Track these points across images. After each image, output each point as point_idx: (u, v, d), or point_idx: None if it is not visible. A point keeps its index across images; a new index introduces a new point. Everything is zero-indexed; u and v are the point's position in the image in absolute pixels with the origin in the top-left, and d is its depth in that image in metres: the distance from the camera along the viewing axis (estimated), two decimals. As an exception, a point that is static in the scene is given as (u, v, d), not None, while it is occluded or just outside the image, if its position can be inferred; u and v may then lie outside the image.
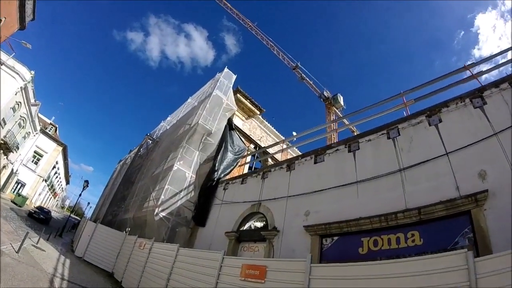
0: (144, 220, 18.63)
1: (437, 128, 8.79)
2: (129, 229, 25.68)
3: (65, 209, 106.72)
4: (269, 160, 23.57)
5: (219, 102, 21.03)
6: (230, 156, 19.30)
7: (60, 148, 54.98)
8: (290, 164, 13.58)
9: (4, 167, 39.35)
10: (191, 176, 18.37)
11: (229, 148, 19.62)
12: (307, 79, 62.67)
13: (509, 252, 4.07)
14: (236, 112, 22.83)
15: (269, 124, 26.74)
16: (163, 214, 16.39)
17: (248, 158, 22.54)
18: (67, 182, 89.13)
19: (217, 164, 18.28)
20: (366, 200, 9.29)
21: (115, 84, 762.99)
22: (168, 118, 33.02)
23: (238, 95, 23.59)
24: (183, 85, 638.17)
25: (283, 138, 26.64)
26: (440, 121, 8.84)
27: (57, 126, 57.04)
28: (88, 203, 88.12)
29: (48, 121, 55.86)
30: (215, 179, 17.84)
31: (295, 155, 26.53)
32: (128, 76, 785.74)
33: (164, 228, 16.39)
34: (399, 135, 9.68)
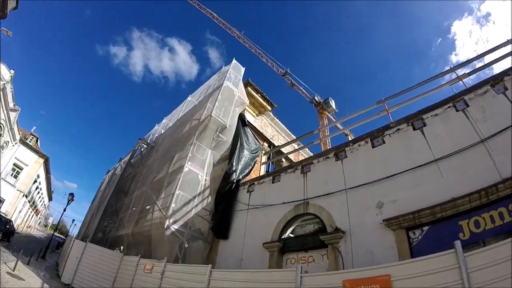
0: (147, 236, 15.42)
1: (506, 96, 8.30)
2: (122, 247, 22.29)
3: (48, 227, 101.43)
4: (283, 160, 20.70)
5: (231, 94, 18.17)
6: (247, 154, 16.49)
7: (42, 160, 50.75)
8: (338, 152, 11.53)
9: (-21, 180, 35.30)
10: (205, 178, 15.15)
11: (245, 145, 16.67)
12: (297, 85, 63.66)
13: None
14: (247, 108, 19.90)
15: (280, 122, 23.77)
16: (175, 226, 13.10)
17: (263, 158, 19.52)
18: (50, 199, 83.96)
19: (234, 164, 15.35)
20: (454, 178, 8.06)
21: (99, 99, 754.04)
22: (164, 121, 29.67)
23: (249, 88, 20.84)
24: (167, 100, 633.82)
25: (294, 137, 24.07)
26: (506, 89, 8.40)
27: (38, 136, 52.90)
28: (73, 220, 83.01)
29: (28, 131, 51.70)
30: (235, 180, 14.87)
31: (306, 156, 23.90)
32: (111, 91, 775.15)
33: (176, 244, 13.11)
34: (468, 106, 8.87)
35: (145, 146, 27.08)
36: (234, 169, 15.20)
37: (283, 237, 11.53)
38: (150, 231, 14.54)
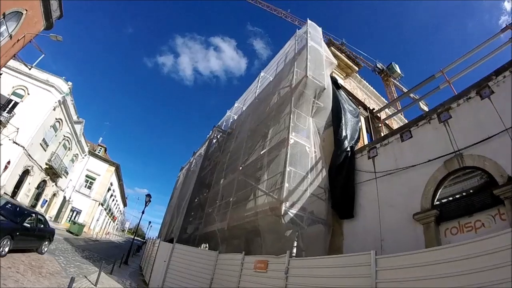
0: (245, 229, 13.46)
1: None
2: (206, 245, 20.43)
3: (125, 232, 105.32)
4: (381, 125, 18.02)
5: (317, 55, 15.38)
6: (350, 118, 13.90)
7: (113, 169, 51.39)
8: (480, 89, 9.10)
9: (54, 195, 35.30)
10: (314, 150, 12.37)
11: (347, 109, 13.96)
12: (358, 55, 59.91)
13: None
14: (334, 70, 17.08)
15: (368, 84, 20.63)
16: (293, 211, 10.48)
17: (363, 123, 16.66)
18: (125, 205, 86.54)
19: (344, 129, 12.74)
20: None
21: (155, 107, 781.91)
22: (236, 105, 27.63)
23: (332, 48, 18.08)
24: (222, 96, 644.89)
25: (386, 101, 21.03)
26: None
27: (106, 146, 53.49)
28: (149, 222, 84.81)
29: (95, 143, 52.60)
30: (348, 148, 12.29)
31: (401, 123, 20.91)
32: (166, 98, 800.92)
33: (295, 233, 10.62)
34: None
35: (220, 133, 25.17)
36: (345, 134, 12.62)
37: (435, 203, 8.96)
38: (255, 222, 12.15)
